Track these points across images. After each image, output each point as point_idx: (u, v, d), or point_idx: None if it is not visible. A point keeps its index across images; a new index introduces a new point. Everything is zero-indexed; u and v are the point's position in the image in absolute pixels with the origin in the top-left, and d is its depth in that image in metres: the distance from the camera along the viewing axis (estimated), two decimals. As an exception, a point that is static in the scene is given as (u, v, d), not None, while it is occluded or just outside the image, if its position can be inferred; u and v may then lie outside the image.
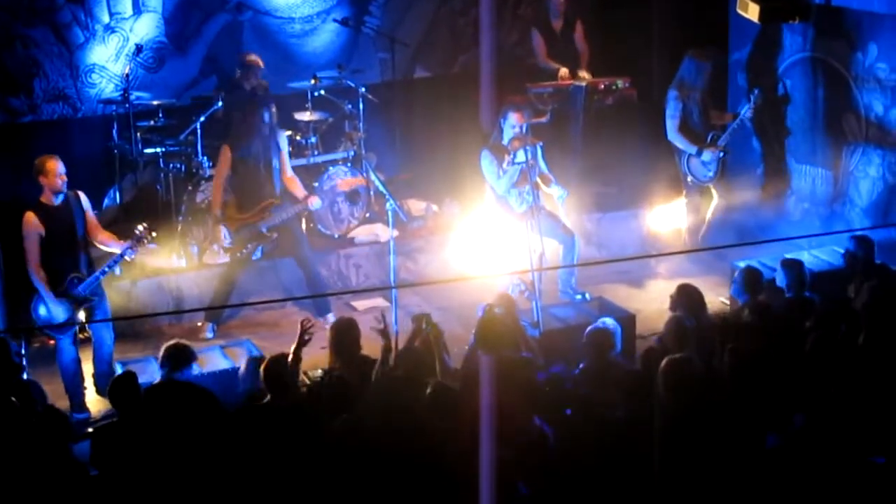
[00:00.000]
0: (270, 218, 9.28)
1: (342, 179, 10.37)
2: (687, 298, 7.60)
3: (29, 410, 6.47)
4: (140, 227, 8.17)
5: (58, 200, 7.98)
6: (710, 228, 10.58)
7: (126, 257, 8.14)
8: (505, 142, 9.20)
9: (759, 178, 11.17)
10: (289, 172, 9.45)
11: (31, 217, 7.90)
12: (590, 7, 12.07)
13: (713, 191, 10.55)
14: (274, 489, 5.90)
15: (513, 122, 9.16)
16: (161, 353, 7.03)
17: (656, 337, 7.62)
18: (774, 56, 10.84)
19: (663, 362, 6.11)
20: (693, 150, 10.28)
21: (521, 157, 8.97)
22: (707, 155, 10.26)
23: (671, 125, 10.30)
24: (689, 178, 10.48)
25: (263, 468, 5.94)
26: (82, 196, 8.17)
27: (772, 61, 10.86)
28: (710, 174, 10.40)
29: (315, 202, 9.42)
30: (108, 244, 8.24)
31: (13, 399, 6.49)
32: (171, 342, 7.11)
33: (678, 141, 10.30)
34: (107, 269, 8.12)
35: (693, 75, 10.24)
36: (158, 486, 5.93)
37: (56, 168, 7.92)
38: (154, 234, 8.24)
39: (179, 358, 6.94)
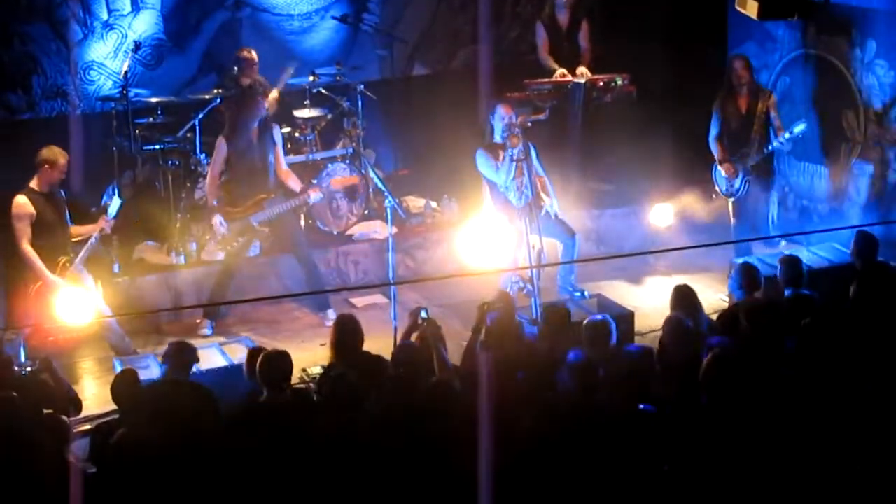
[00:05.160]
0: (262, 212, 9.26)
1: (335, 178, 10.24)
2: (682, 299, 7.55)
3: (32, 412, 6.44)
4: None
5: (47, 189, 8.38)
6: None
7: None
8: (497, 137, 9.19)
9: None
10: (283, 166, 9.43)
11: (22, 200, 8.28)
12: (590, 3, 12.06)
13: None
14: (272, 488, 5.89)
15: (502, 114, 9.12)
16: (165, 350, 7.03)
17: None
18: (773, 53, 10.83)
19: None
20: (717, 159, 9.97)
21: (515, 150, 8.96)
22: (722, 170, 9.90)
23: (711, 132, 10.00)
24: (716, 187, 10.15)
25: (262, 467, 5.93)
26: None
27: (770, 58, 10.85)
28: (733, 191, 9.94)
29: (314, 195, 9.35)
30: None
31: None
32: (176, 340, 7.11)
33: (712, 147, 10.02)
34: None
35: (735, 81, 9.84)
36: (157, 485, 5.93)
37: (63, 164, 8.39)
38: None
39: (182, 357, 6.92)
